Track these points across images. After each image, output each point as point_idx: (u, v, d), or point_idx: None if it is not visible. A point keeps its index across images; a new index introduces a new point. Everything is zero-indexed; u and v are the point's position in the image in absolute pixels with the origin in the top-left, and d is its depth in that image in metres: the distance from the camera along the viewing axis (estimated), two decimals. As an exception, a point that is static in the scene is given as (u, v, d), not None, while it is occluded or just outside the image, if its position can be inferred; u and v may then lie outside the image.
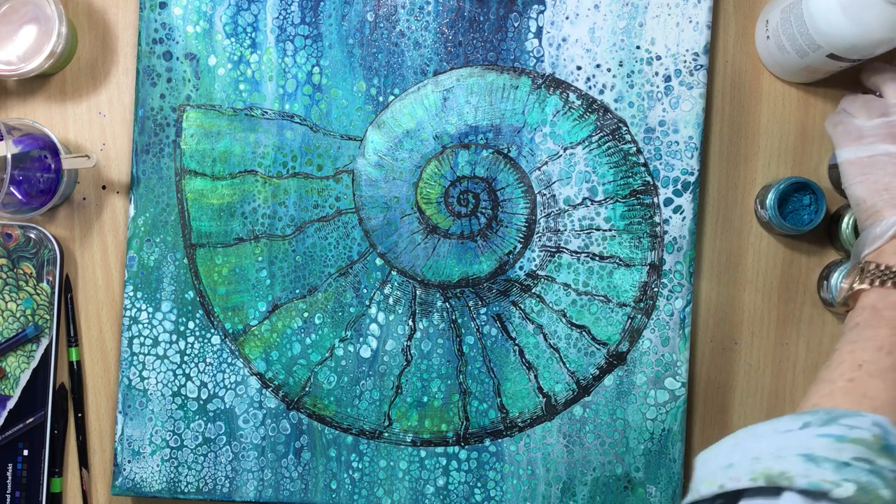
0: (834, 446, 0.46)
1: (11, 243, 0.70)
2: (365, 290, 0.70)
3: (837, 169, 0.70)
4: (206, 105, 0.70)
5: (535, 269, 0.71)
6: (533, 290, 0.71)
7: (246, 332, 0.70)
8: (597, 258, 0.70)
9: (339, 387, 0.70)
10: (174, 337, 0.70)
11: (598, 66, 0.71)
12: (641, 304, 0.70)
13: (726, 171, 0.73)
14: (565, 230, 0.70)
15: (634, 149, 0.70)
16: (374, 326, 0.71)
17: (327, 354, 0.70)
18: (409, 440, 0.71)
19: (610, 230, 0.70)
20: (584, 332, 0.70)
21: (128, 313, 0.70)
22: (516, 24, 0.71)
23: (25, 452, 0.71)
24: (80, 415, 0.72)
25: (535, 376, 0.70)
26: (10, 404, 0.70)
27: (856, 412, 0.49)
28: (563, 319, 0.70)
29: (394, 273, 0.71)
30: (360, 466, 0.70)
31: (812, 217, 0.70)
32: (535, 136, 0.70)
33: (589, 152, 0.70)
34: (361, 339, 0.71)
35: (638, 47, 0.71)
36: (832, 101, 0.73)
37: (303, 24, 0.70)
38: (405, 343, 0.71)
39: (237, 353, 0.70)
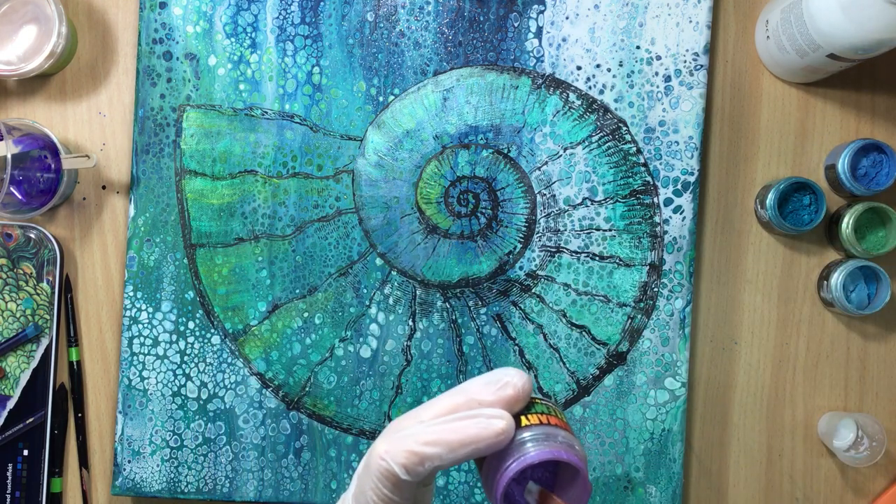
0: None
1: (11, 243, 0.70)
2: (365, 290, 0.71)
3: (835, 169, 0.70)
4: (206, 105, 0.70)
5: (535, 269, 0.71)
6: (533, 290, 0.71)
7: (246, 332, 0.70)
8: (597, 258, 0.70)
9: (339, 387, 0.70)
10: (174, 337, 0.70)
11: (598, 66, 0.71)
12: (641, 304, 0.70)
13: (726, 171, 0.73)
14: (565, 230, 0.70)
15: (634, 149, 0.70)
16: (374, 326, 0.71)
17: (327, 354, 0.70)
18: (409, 440, 0.70)
19: (610, 230, 0.70)
20: (584, 332, 0.70)
21: (128, 313, 0.70)
22: (516, 24, 0.71)
23: (25, 452, 0.71)
24: (80, 415, 0.72)
25: (535, 376, 0.70)
26: (10, 404, 0.70)
27: None
28: (563, 319, 0.70)
29: (394, 273, 0.71)
30: (360, 466, 0.70)
31: (812, 217, 0.70)
32: (535, 136, 0.70)
33: (589, 152, 0.70)
34: (361, 339, 0.71)
35: (638, 47, 0.71)
36: (832, 101, 0.73)
37: (303, 24, 0.70)
38: (405, 343, 0.71)
39: (237, 353, 0.70)
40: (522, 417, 0.45)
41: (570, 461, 0.43)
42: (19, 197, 0.67)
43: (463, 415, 0.44)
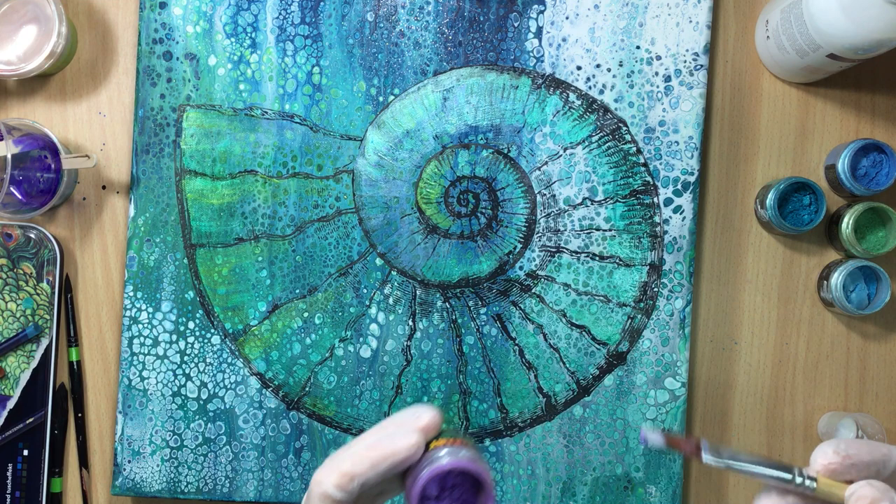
0: None
1: (11, 243, 0.70)
2: (365, 290, 0.71)
3: (835, 169, 0.70)
4: (206, 105, 0.70)
5: (535, 269, 0.71)
6: (533, 290, 0.71)
7: (246, 332, 0.70)
8: (597, 258, 0.70)
9: (339, 387, 0.70)
10: (174, 337, 0.70)
11: (598, 66, 0.71)
12: (641, 304, 0.70)
13: (726, 171, 0.73)
14: (565, 230, 0.70)
15: (634, 149, 0.70)
16: (374, 326, 0.71)
17: (327, 354, 0.70)
18: (409, 440, 0.70)
19: (610, 230, 0.70)
20: (584, 332, 0.70)
21: (128, 313, 0.70)
22: (516, 24, 0.71)
23: (25, 452, 0.71)
24: (80, 415, 0.72)
25: (535, 376, 0.70)
26: (10, 404, 0.70)
27: None
28: (563, 319, 0.70)
29: (394, 273, 0.71)
30: (360, 466, 0.70)
31: (812, 217, 0.70)
32: (535, 136, 0.70)
33: (589, 152, 0.70)
34: (361, 339, 0.71)
35: (638, 47, 0.71)
36: (832, 101, 0.73)
37: (303, 24, 0.70)
38: (405, 343, 0.71)
39: (237, 353, 0.70)
40: (434, 442, 0.52)
41: (469, 469, 0.50)
42: (19, 197, 0.67)
43: (382, 436, 0.51)
